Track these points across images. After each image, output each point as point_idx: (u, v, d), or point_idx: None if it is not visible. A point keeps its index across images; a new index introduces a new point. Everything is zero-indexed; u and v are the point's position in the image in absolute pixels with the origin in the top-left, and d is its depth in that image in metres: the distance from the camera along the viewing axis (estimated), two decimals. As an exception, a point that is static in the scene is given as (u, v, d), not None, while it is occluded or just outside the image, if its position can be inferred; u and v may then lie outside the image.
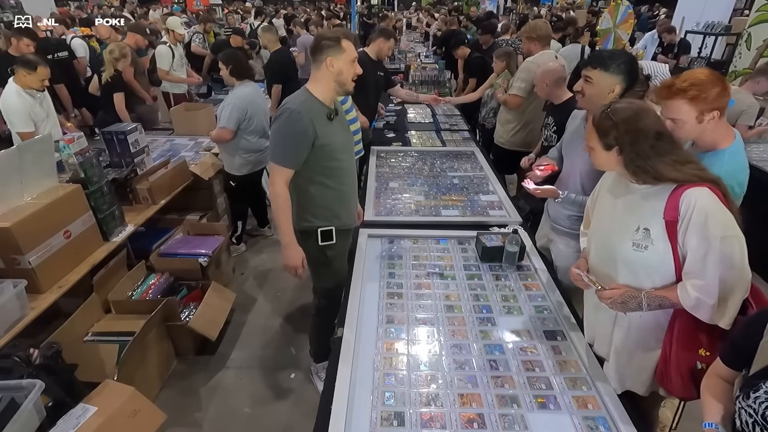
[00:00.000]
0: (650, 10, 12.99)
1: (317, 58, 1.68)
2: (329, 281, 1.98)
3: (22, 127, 2.85)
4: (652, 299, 1.19)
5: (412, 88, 5.37)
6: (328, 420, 1.20)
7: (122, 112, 3.73)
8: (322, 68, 1.68)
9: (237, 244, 3.45)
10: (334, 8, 16.07)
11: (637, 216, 1.22)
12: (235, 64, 2.96)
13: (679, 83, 1.32)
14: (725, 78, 1.35)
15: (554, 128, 2.58)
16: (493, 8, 14.86)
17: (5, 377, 1.39)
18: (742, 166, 1.40)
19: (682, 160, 1.15)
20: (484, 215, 2.31)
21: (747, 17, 6.31)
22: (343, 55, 1.66)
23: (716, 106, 1.31)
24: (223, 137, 2.94)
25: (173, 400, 2.19)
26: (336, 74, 1.68)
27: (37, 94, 2.96)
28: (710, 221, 1.08)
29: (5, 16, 8.92)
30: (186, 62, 4.96)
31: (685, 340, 1.20)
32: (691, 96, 1.30)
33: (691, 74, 1.34)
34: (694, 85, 1.30)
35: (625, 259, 1.24)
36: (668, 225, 1.15)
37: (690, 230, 1.11)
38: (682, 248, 1.15)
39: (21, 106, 2.83)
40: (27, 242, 1.82)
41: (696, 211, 1.09)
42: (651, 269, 1.21)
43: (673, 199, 1.14)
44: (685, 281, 1.15)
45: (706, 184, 1.13)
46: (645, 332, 1.29)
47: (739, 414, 0.90)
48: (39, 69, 2.85)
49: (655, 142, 1.15)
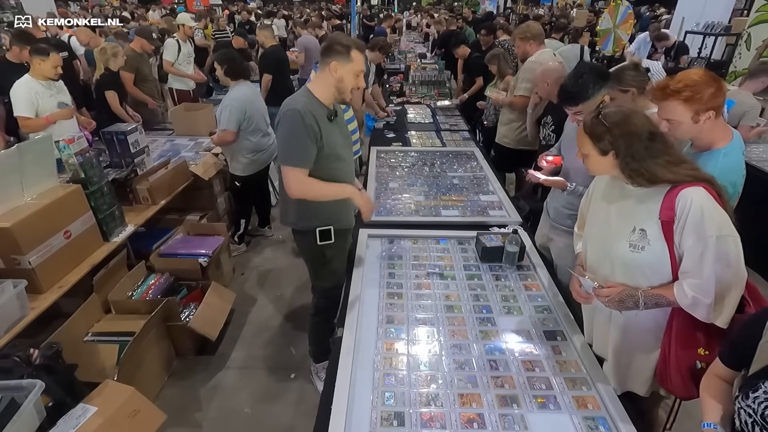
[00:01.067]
0: (651, 10, 12.98)
1: (324, 59, 1.68)
2: (328, 281, 1.98)
3: (21, 112, 2.85)
4: (648, 297, 1.19)
5: (412, 88, 5.37)
6: (328, 420, 1.20)
7: (118, 110, 3.74)
8: (326, 71, 1.67)
9: (238, 243, 3.45)
10: (334, 8, 16.06)
11: (632, 217, 1.22)
12: (230, 65, 2.95)
13: (673, 84, 1.33)
14: (720, 78, 1.36)
15: (552, 127, 2.59)
16: (493, 8, 14.88)
17: (5, 377, 1.39)
18: (736, 167, 1.39)
19: (675, 160, 1.16)
20: (484, 215, 2.31)
21: (747, 17, 6.31)
22: (349, 64, 1.66)
23: (711, 106, 1.31)
24: (225, 140, 2.94)
25: (173, 400, 2.19)
26: (337, 80, 1.67)
27: (53, 86, 2.96)
28: (706, 220, 1.08)
29: (5, 17, 8.92)
30: (193, 61, 4.98)
31: (684, 339, 1.20)
32: (686, 97, 1.31)
33: (685, 75, 1.34)
34: (688, 86, 1.31)
35: (621, 260, 1.24)
36: (664, 225, 1.15)
37: (686, 230, 1.11)
38: (679, 248, 1.15)
39: (25, 92, 2.85)
40: (27, 242, 1.82)
41: (692, 210, 1.10)
42: (648, 270, 1.21)
43: (669, 200, 1.14)
44: (681, 280, 1.15)
45: (701, 184, 1.13)
46: (643, 333, 1.29)
47: (739, 414, 0.90)
48: (52, 55, 2.86)
49: (648, 143, 1.15)
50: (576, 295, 1.41)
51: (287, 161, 1.66)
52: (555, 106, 2.60)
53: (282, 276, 3.18)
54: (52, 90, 2.96)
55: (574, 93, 1.75)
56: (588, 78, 1.74)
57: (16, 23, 5.37)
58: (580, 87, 1.74)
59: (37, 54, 2.85)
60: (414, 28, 13.29)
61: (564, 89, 1.79)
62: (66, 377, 1.58)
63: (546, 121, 2.68)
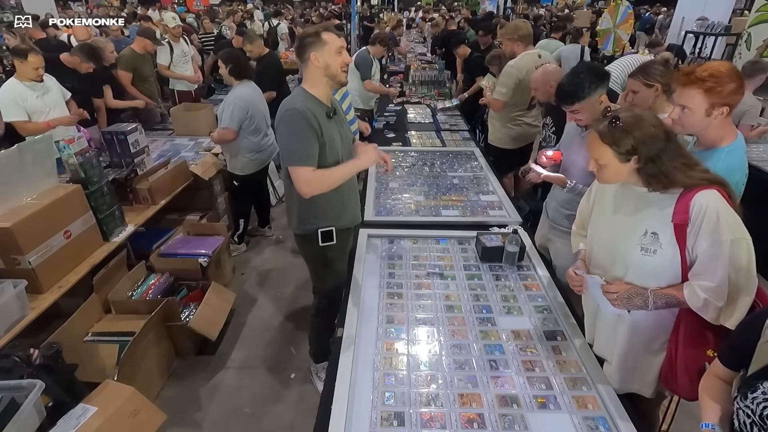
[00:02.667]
0: (652, 8, 12.99)
1: (303, 58, 1.67)
2: (330, 282, 1.97)
3: (11, 117, 2.82)
4: (658, 297, 1.18)
5: (412, 88, 5.37)
6: (328, 420, 1.20)
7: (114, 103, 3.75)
8: (310, 66, 1.67)
9: (238, 243, 3.45)
10: (334, 9, 16.05)
11: (644, 220, 1.21)
12: (235, 64, 2.96)
13: (699, 72, 1.31)
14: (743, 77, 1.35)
15: (553, 128, 2.59)
16: (493, 8, 14.87)
17: (5, 377, 1.39)
18: (739, 166, 1.39)
19: (690, 162, 1.15)
20: (484, 215, 2.31)
21: (747, 17, 6.31)
22: (326, 47, 1.64)
23: (728, 102, 1.30)
24: (226, 137, 2.94)
25: (173, 400, 2.19)
26: (324, 68, 1.66)
27: (38, 87, 2.92)
28: (722, 224, 1.08)
29: (5, 17, 8.91)
30: (190, 59, 4.95)
31: (692, 339, 1.20)
32: (708, 87, 1.29)
33: (712, 65, 1.32)
34: (713, 76, 1.28)
35: (632, 263, 1.23)
36: (677, 228, 1.14)
37: (701, 234, 1.10)
38: (691, 252, 1.14)
39: (10, 96, 2.82)
40: (27, 242, 1.82)
41: (707, 214, 1.09)
42: (659, 272, 1.20)
43: (683, 203, 1.13)
44: (692, 282, 1.14)
45: (714, 187, 1.12)
46: (652, 334, 1.29)
47: (737, 414, 0.90)
48: (29, 57, 2.80)
49: (666, 144, 1.13)
50: (570, 280, 1.41)
51: (293, 161, 1.64)
52: (555, 107, 2.61)
53: (282, 276, 3.18)
54: (37, 91, 2.92)
55: (570, 92, 1.75)
56: (584, 77, 1.73)
57: (15, 23, 5.36)
58: (576, 86, 1.74)
59: (15, 56, 2.83)
60: (413, 28, 13.26)
61: (561, 88, 1.79)
62: (66, 377, 1.58)
63: (546, 123, 2.69)
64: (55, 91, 3.07)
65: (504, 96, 3.12)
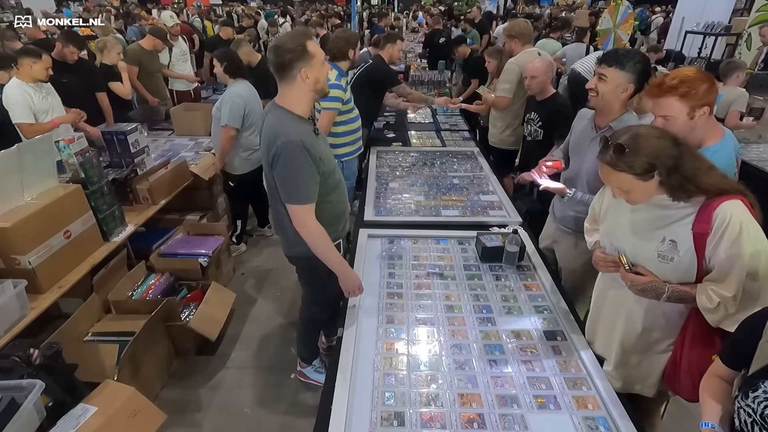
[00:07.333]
0: (653, 8, 12.97)
1: (288, 75, 1.50)
2: (323, 296, 1.91)
3: (22, 119, 2.81)
4: (675, 293, 1.18)
5: (412, 88, 5.35)
6: (328, 420, 1.20)
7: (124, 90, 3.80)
8: (297, 82, 1.51)
9: (237, 243, 3.44)
10: (334, 9, 16.04)
11: (662, 227, 1.19)
12: (230, 62, 2.94)
13: (668, 81, 1.34)
14: (712, 75, 1.39)
15: (539, 123, 2.58)
16: (493, 8, 14.87)
17: (5, 377, 1.39)
18: (725, 167, 1.37)
19: (706, 166, 1.13)
20: (484, 215, 2.31)
21: (747, 17, 6.31)
22: (313, 60, 1.49)
23: (706, 102, 1.33)
24: (229, 135, 2.91)
25: (173, 400, 2.19)
26: (313, 84, 1.53)
27: (42, 87, 2.92)
28: (744, 237, 1.07)
29: (5, 17, 8.91)
30: (190, 58, 4.95)
31: (699, 340, 1.20)
32: (682, 93, 1.32)
33: (679, 72, 1.36)
34: (684, 82, 1.32)
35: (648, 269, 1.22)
36: (697, 237, 1.13)
37: (722, 244, 1.09)
38: (708, 261, 1.14)
39: (21, 98, 2.81)
40: (27, 242, 1.82)
41: (731, 225, 1.08)
42: (674, 278, 1.19)
43: (706, 212, 1.12)
44: (706, 285, 1.14)
45: (738, 196, 1.11)
46: (654, 334, 1.29)
47: (738, 414, 0.90)
48: (44, 57, 2.83)
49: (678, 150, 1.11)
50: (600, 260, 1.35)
51: (292, 200, 1.54)
52: (538, 101, 2.60)
53: (282, 276, 3.18)
54: (42, 92, 2.92)
55: (618, 54, 1.67)
56: (637, 57, 1.66)
57: (15, 23, 5.37)
58: (626, 54, 1.66)
59: (28, 56, 2.82)
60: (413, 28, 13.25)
61: (613, 51, 1.71)
62: (66, 377, 1.58)
63: (531, 117, 2.67)
64: (54, 91, 3.08)
65: (508, 92, 3.08)
